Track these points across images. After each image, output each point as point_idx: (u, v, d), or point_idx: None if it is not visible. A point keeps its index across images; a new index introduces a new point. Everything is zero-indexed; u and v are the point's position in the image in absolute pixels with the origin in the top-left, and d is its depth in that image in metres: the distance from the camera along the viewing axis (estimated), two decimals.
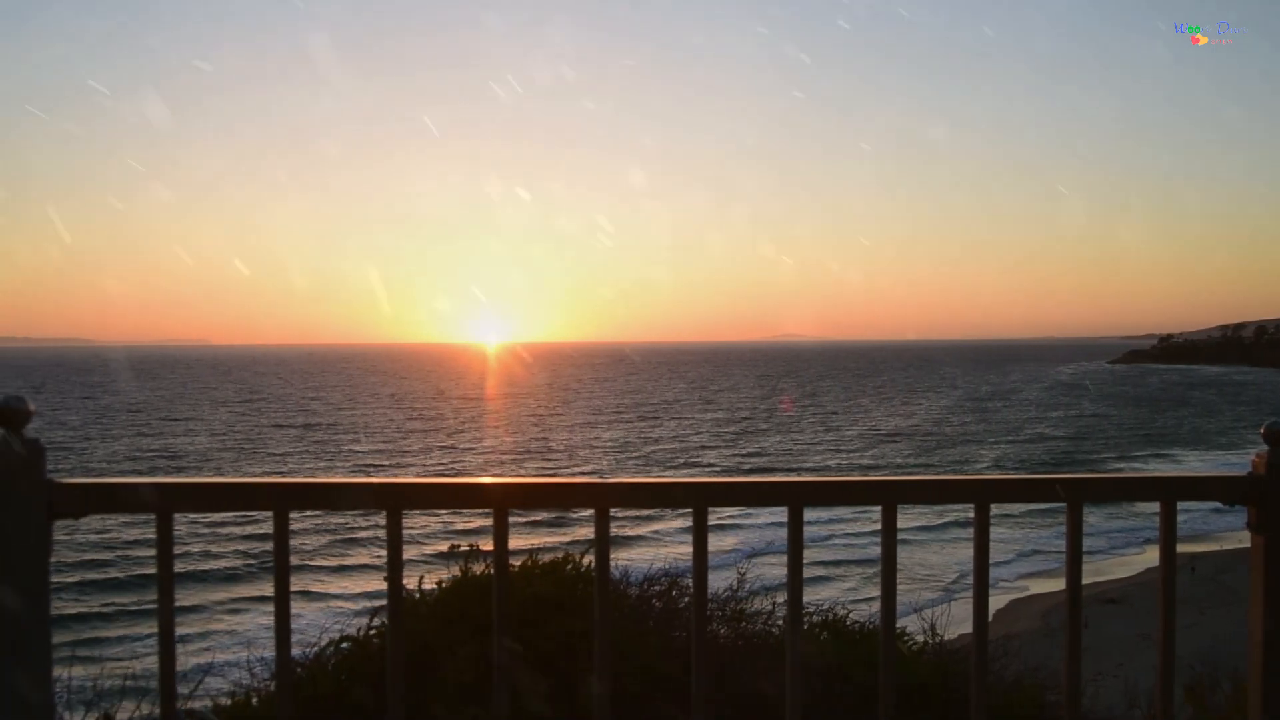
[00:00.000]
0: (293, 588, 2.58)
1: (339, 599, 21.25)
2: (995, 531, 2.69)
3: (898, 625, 2.83)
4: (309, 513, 2.53)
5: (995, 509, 2.68)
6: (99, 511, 2.51)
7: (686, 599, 5.13)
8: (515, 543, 2.62)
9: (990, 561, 2.69)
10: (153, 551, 2.47)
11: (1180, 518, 2.71)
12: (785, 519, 2.60)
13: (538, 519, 26.16)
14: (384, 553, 2.48)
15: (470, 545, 5.00)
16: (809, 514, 2.65)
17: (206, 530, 28.64)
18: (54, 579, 2.42)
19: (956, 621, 6.50)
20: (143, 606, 22.95)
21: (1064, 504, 2.66)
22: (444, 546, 5.59)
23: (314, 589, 23.78)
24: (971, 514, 2.65)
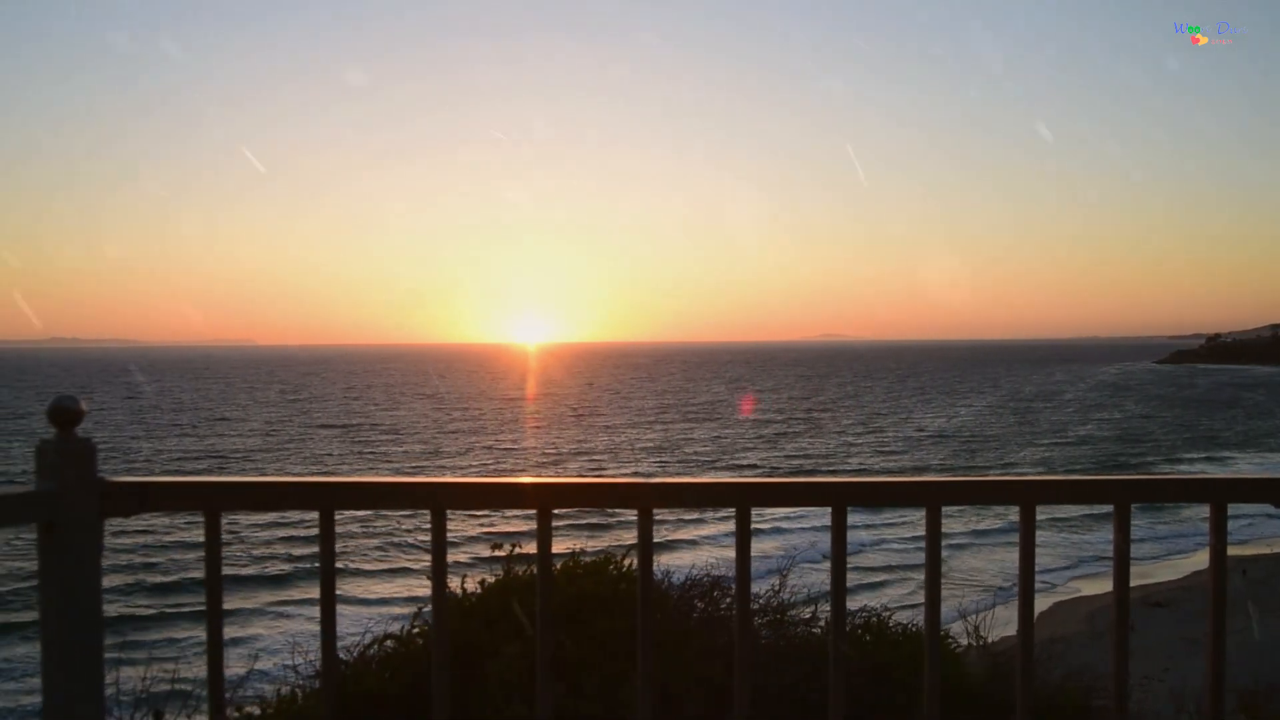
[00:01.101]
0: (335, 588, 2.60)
1: (375, 604, 21.37)
2: (1039, 534, 2.66)
3: (941, 627, 2.81)
4: (344, 516, 2.55)
5: (1041, 511, 2.65)
6: (149, 510, 2.55)
7: (728, 600, 5.12)
8: (555, 544, 2.63)
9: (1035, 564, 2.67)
10: (194, 555, 2.50)
11: (1231, 522, 2.67)
12: (827, 521, 2.59)
13: (577, 521, 26.18)
14: (421, 556, 2.50)
15: (513, 546, 5.02)
16: (850, 518, 2.64)
17: (248, 532, 28.90)
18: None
19: (999, 624, 6.45)
20: (172, 609, 23.26)
21: (1111, 506, 2.63)
22: (486, 548, 5.61)
23: (355, 590, 23.92)
24: (1015, 515, 2.63)
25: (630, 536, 2.66)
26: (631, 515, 2.57)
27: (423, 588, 5.03)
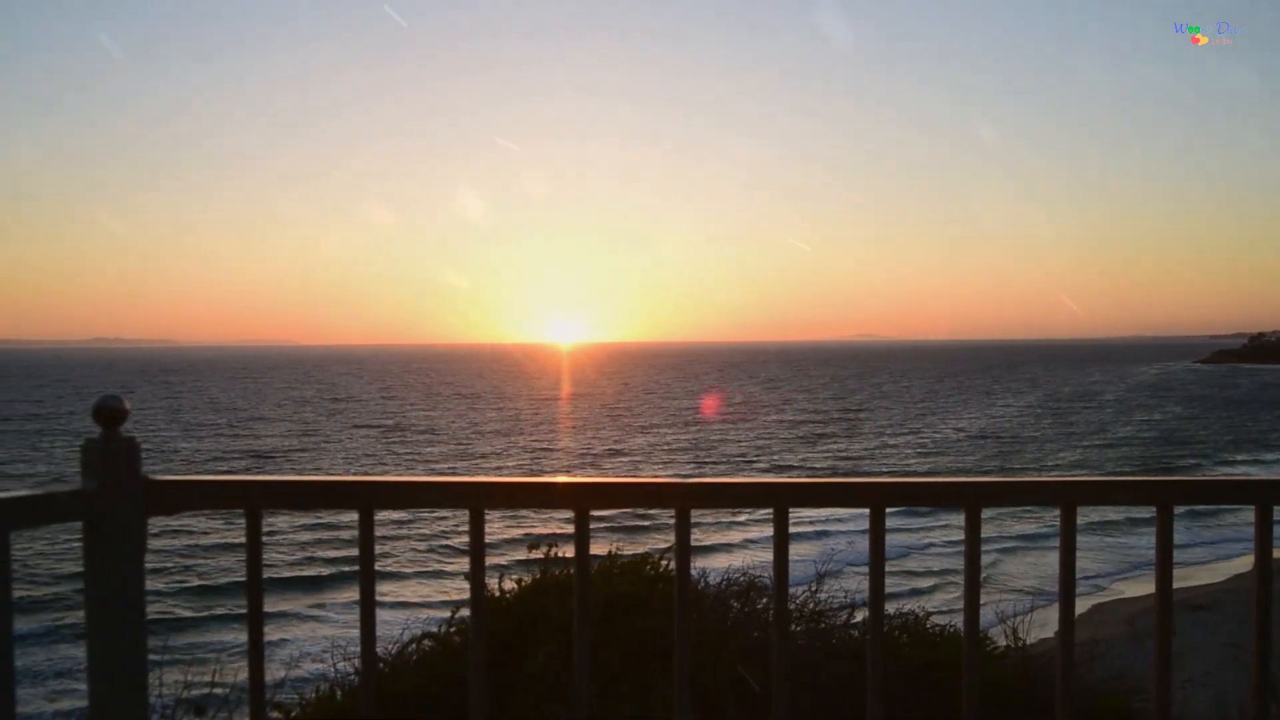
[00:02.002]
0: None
1: (412, 606, 21.49)
2: (1079, 535, 2.63)
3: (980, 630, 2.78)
4: (380, 519, 2.55)
5: (1081, 512, 2.63)
6: (191, 508, 2.57)
7: (764, 600, 5.11)
8: (591, 545, 2.64)
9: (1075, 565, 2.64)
10: (234, 557, 2.53)
11: (1277, 526, 2.64)
12: (865, 522, 2.58)
13: (611, 524, 26.21)
14: (456, 559, 2.51)
15: (549, 546, 5.02)
16: (889, 520, 2.63)
17: (286, 535, 29.11)
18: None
19: (1038, 626, 6.39)
20: (213, 609, 23.50)
21: (1153, 507, 2.60)
22: (523, 548, 5.63)
23: (391, 593, 24.06)
24: (1056, 518, 2.61)
25: (666, 537, 2.66)
26: (668, 515, 2.57)
27: (458, 590, 5.05)
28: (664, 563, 4.85)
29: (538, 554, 5.01)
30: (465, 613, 4.52)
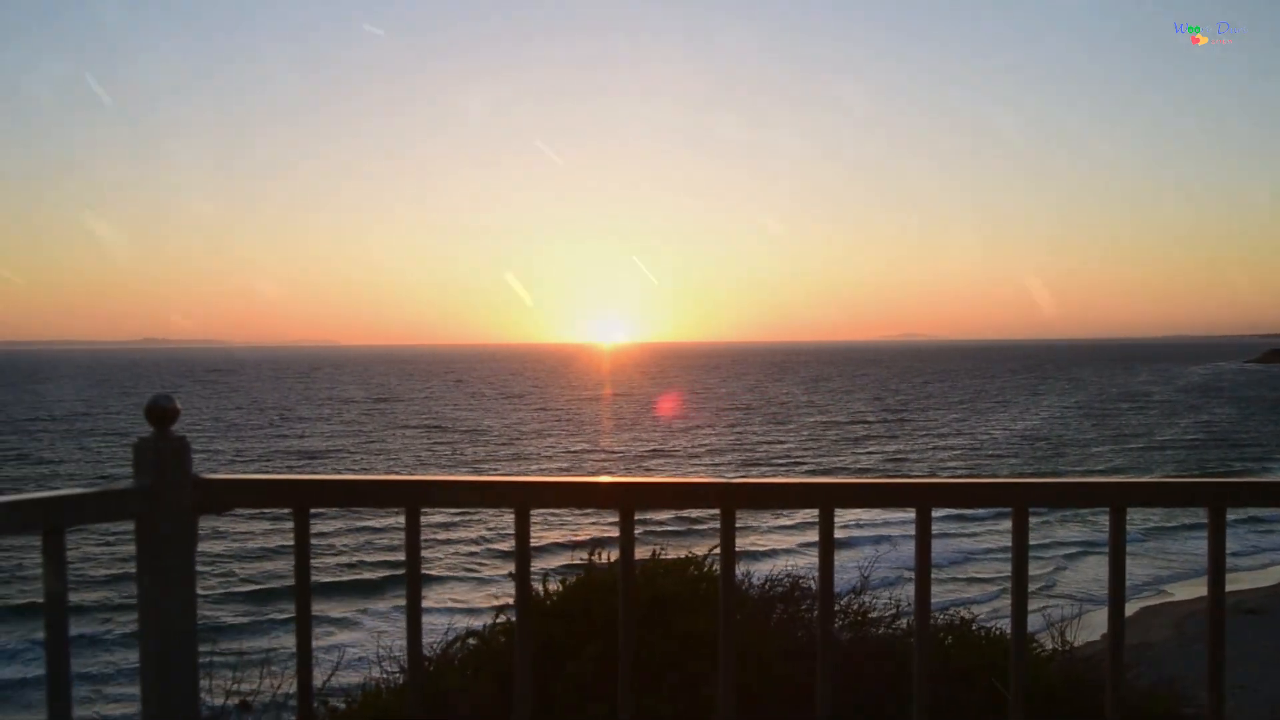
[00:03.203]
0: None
1: (456, 610, 21.60)
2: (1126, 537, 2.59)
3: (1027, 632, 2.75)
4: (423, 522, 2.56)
5: (1130, 514, 2.59)
6: (241, 506, 2.60)
7: (808, 601, 5.09)
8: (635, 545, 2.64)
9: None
10: (281, 558, 2.55)
11: None
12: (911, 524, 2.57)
13: (650, 529, 26.23)
14: (497, 562, 2.52)
15: (594, 548, 5.03)
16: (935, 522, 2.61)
17: (333, 538, 29.35)
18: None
19: (1085, 629, 6.32)
20: (261, 606, 23.74)
21: (1204, 508, 2.57)
22: (567, 548, 5.65)
23: (436, 592, 24.21)
24: (1103, 520, 2.58)
25: (705, 542, 2.66)
26: (705, 522, 2.56)
27: (499, 593, 5.07)
28: (707, 563, 4.85)
29: (581, 555, 5.03)
30: (510, 612, 4.55)
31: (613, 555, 4.66)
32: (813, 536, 2.60)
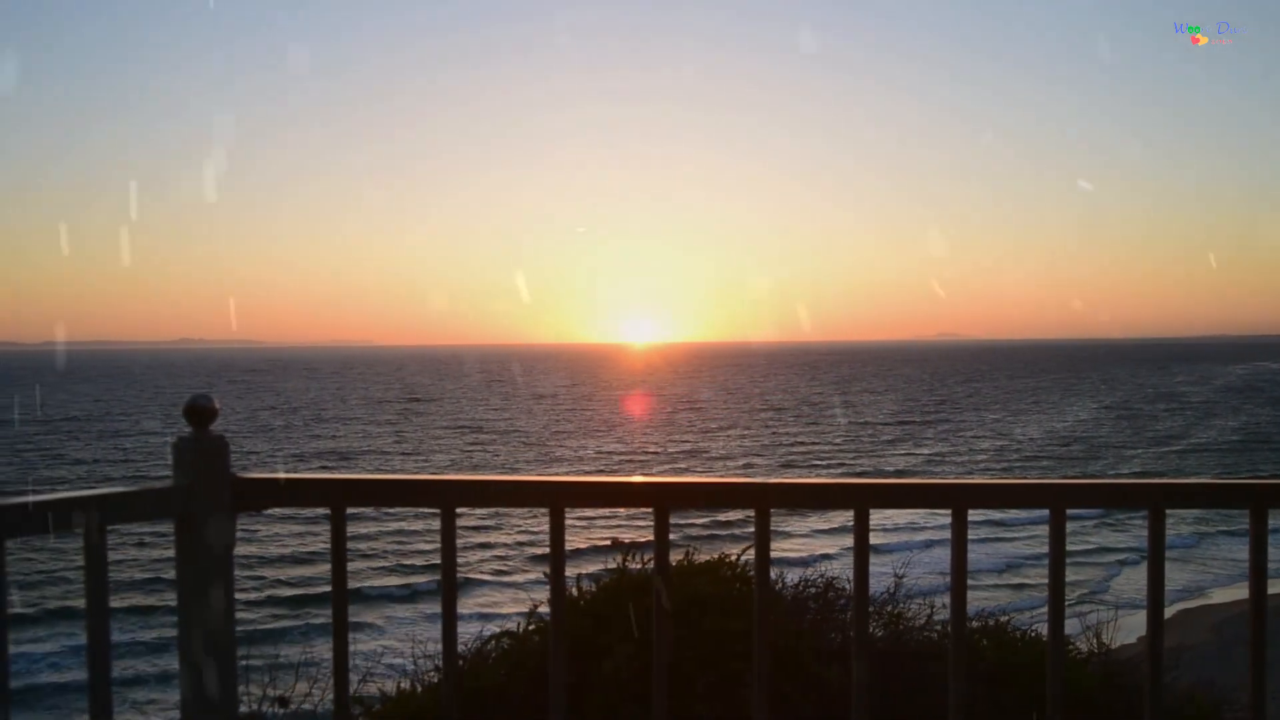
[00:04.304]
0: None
1: (488, 610, 21.70)
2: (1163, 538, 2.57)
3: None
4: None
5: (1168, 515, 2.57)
6: (278, 505, 2.63)
7: (843, 601, 5.08)
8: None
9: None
10: (310, 561, 2.57)
11: None
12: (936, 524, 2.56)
13: (680, 532, 26.24)
14: (529, 565, 2.53)
15: (626, 555, 5.02)
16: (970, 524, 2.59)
17: (368, 544, 29.51)
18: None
19: (1123, 632, 6.26)
20: (297, 604, 23.92)
21: (1245, 510, 2.54)
22: (601, 548, 5.65)
23: (469, 592, 24.31)
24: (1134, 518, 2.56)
25: (735, 545, 2.66)
26: (743, 520, 2.57)
27: (531, 597, 5.08)
28: (741, 563, 4.84)
29: (614, 557, 5.02)
30: (543, 611, 4.56)
31: (646, 557, 4.66)
32: (846, 539, 2.59)
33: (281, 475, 2.64)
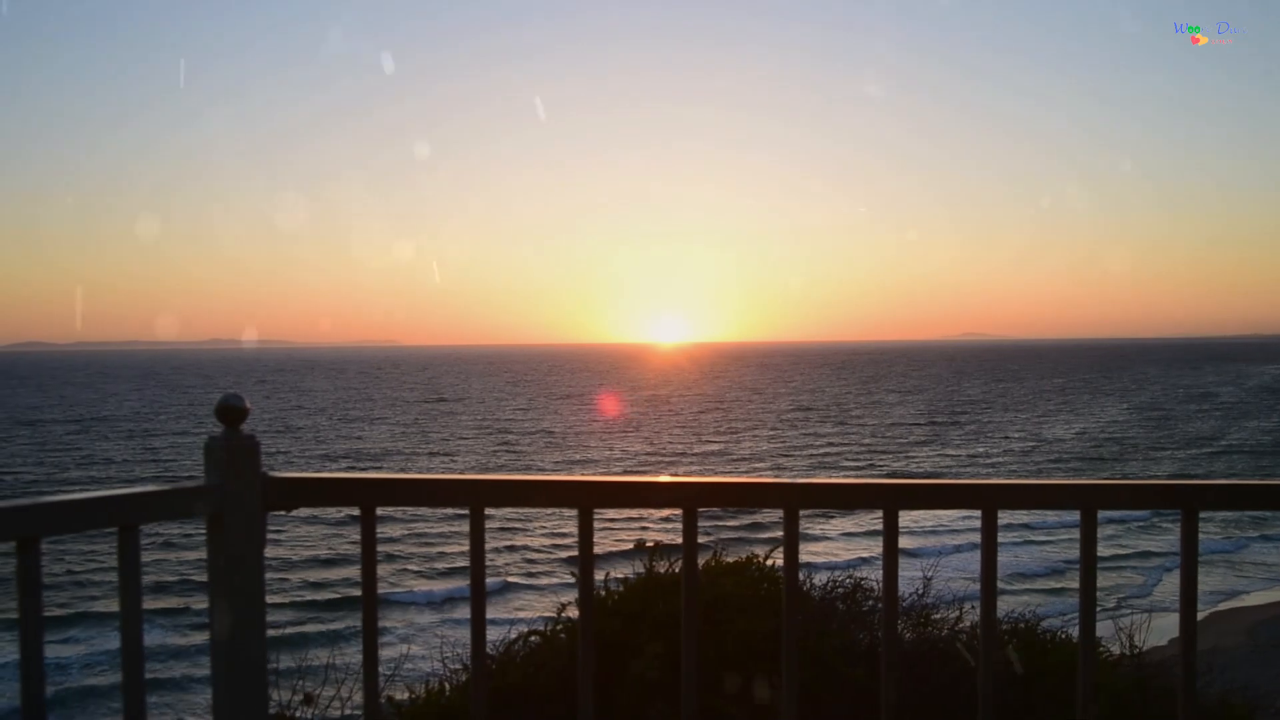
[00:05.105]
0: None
1: (515, 611, 21.76)
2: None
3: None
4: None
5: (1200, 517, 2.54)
6: (308, 505, 2.64)
7: (870, 602, 5.06)
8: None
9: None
10: (338, 564, 2.58)
11: None
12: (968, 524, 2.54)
13: (708, 529, 26.18)
14: (557, 566, 2.53)
15: (653, 557, 5.02)
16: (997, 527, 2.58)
17: (396, 546, 29.61)
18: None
19: (1154, 634, 6.20)
20: (327, 603, 24.03)
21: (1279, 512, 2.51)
22: (629, 547, 5.65)
23: (497, 592, 24.37)
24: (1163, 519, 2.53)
25: (757, 548, 2.65)
26: (772, 522, 2.56)
27: (558, 599, 5.08)
28: (769, 564, 4.83)
29: (643, 556, 5.02)
30: (571, 611, 4.57)
31: (674, 558, 4.66)
32: (873, 542, 2.59)
33: (312, 475, 2.65)
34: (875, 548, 2.85)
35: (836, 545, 27.93)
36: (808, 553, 26.14)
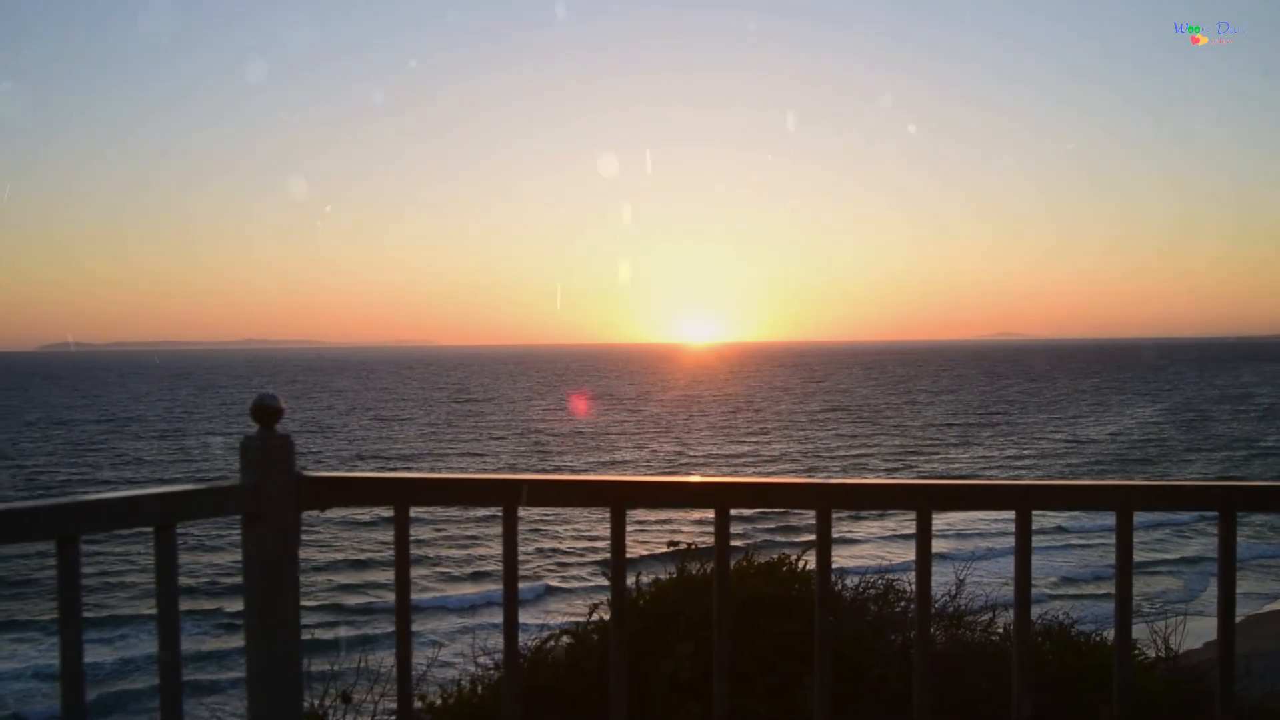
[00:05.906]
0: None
1: (551, 613, 21.80)
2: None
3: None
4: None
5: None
6: (342, 504, 2.65)
7: (903, 603, 5.04)
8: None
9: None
10: (370, 564, 2.59)
11: None
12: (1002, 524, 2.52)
13: (740, 531, 26.09)
14: (585, 568, 2.53)
15: (689, 545, 5.02)
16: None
17: (426, 541, 29.68)
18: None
19: (1190, 637, 6.14)
20: (360, 602, 24.11)
21: None
22: (661, 547, 5.64)
23: (530, 590, 24.40)
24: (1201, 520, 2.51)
25: (786, 550, 2.64)
26: (804, 524, 2.56)
27: (590, 600, 5.08)
28: (801, 564, 4.82)
29: (675, 558, 5.01)
30: (603, 611, 4.57)
31: (705, 560, 4.65)
32: (905, 545, 2.58)
33: (346, 474, 2.67)
34: (908, 550, 2.82)
35: (868, 547, 27.82)
36: (839, 555, 26.04)
